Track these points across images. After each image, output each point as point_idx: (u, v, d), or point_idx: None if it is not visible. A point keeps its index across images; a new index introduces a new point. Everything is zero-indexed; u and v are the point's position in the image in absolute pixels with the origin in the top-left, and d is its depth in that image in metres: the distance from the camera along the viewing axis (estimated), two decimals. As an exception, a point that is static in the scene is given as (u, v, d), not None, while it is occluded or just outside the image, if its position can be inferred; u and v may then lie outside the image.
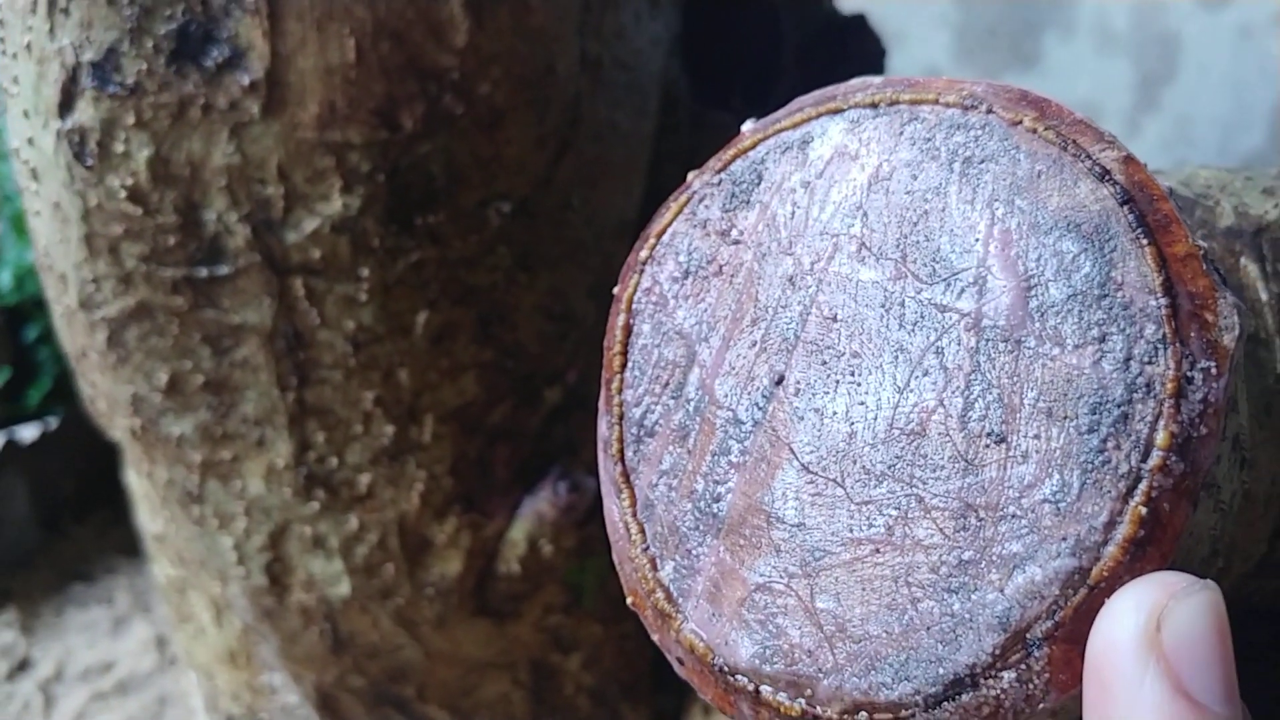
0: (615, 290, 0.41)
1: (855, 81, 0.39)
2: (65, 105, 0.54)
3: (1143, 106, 1.23)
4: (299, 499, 0.62)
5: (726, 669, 0.35)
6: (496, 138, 0.55)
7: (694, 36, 0.73)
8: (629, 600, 0.39)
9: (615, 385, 0.40)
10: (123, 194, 0.54)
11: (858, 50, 0.80)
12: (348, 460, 0.61)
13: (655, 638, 0.38)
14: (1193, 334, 0.31)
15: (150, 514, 0.71)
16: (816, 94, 0.40)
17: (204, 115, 0.52)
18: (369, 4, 0.51)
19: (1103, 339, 0.32)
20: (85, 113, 0.53)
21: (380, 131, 0.53)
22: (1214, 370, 0.31)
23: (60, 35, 0.52)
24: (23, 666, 0.94)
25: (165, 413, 0.60)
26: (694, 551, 0.37)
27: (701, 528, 0.37)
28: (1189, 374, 0.31)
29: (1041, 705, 0.31)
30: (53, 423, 1.05)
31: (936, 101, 0.36)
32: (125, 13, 0.51)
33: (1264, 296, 0.44)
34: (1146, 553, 0.31)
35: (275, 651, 0.69)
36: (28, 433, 1.02)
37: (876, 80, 0.39)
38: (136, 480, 0.71)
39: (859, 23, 0.80)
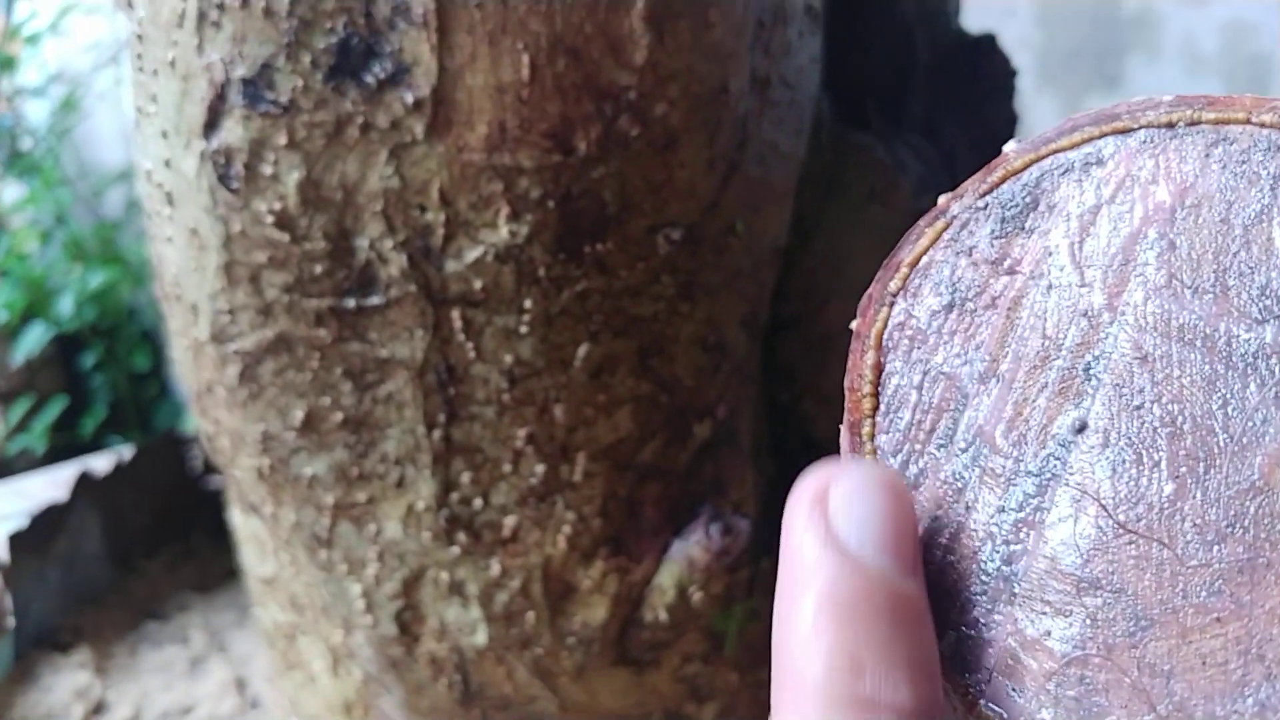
0: (855, 325, 0.38)
1: (1139, 100, 0.36)
2: (211, 124, 0.50)
3: (1243, 129, 1.20)
4: (438, 543, 0.58)
5: (1035, 750, 0.32)
6: (670, 161, 0.51)
7: (829, 56, 0.69)
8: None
9: (866, 431, 0.36)
10: (269, 219, 0.51)
11: (987, 70, 0.76)
12: (493, 501, 0.57)
13: (932, 712, 0.34)
14: None
15: (259, 556, 0.68)
16: (1094, 113, 0.36)
17: (362, 135, 0.49)
18: (545, 17, 0.48)
19: None
20: (233, 132, 0.50)
21: (553, 155, 0.49)
22: None
23: (209, 50, 0.49)
24: (99, 710, 0.90)
25: (298, 451, 0.57)
26: (983, 620, 0.33)
27: (990, 593, 0.33)
28: None
29: None
30: (126, 454, 1.01)
31: (1248, 121, 0.33)
32: (283, 26, 0.48)
33: None
34: None
35: (398, 704, 0.65)
36: (100, 464, 0.99)
37: (1166, 98, 0.35)
38: (243, 521, 0.68)
39: (989, 42, 0.77)
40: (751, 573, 0.64)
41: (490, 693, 0.63)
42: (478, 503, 0.57)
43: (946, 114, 0.75)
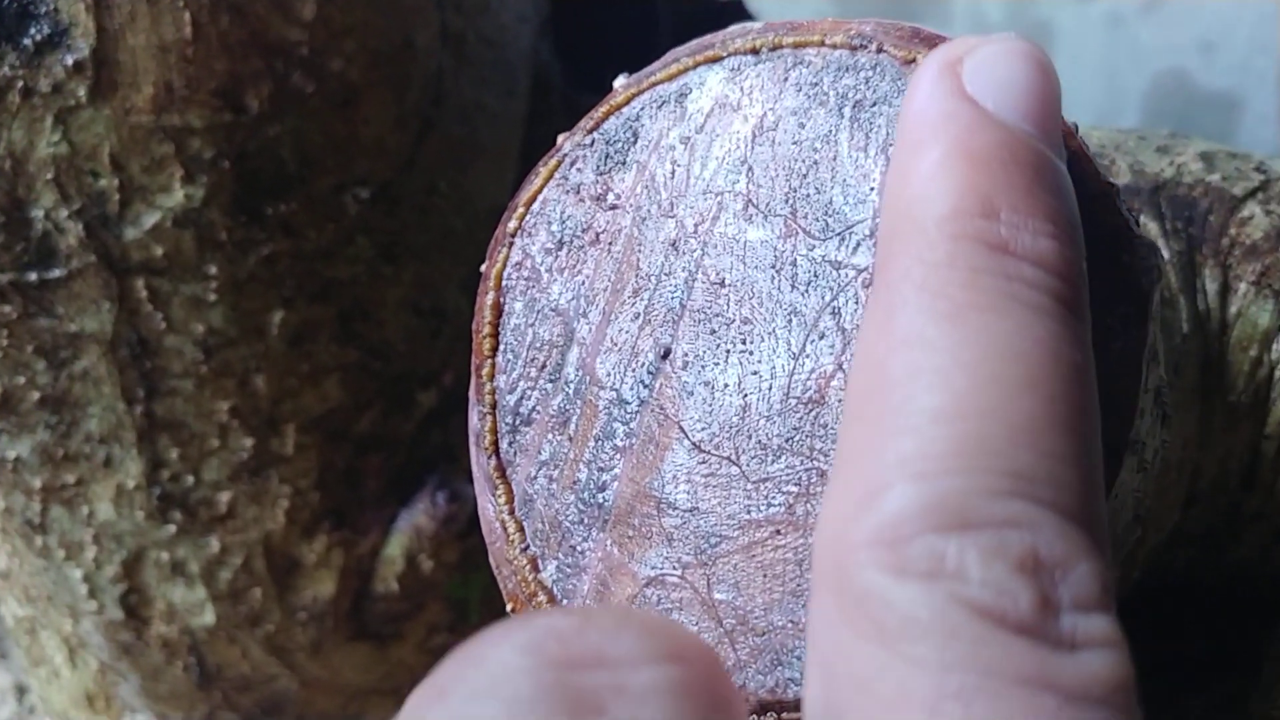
0: (482, 267, 0.38)
1: (734, 28, 0.36)
2: None
3: (1020, 94, 1.23)
4: (153, 522, 0.56)
5: (618, 675, 0.32)
6: (352, 117, 0.51)
7: (566, 20, 0.69)
8: (509, 607, 0.35)
9: (486, 371, 0.36)
10: (-64, 191, 0.49)
11: (735, 34, 0.77)
12: (204, 477, 0.56)
13: (539, 645, 0.34)
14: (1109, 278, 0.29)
15: (-7, 549, 0.65)
16: (693, 44, 0.37)
17: (24, 100, 0.48)
18: (204, -26, 0.47)
19: None
20: (-112, 102, 0.48)
21: (223, 113, 0.48)
22: (1132, 316, 0.29)
23: None
24: None
25: (-1, 434, 0.55)
26: (579, 548, 0.33)
27: (586, 521, 0.33)
28: (1107, 321, 0.28)
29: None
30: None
31: (822, 44, 0.34)
32: (-72, -12, 0.46)
33: (1166, 255, 0.42)
34: None
35: (137, 691, 0.63)
36: None
37: (757, 25, 0.36)
38: (-23, 513, 0.65)
39: (736, 8, 0.77)
40: (494, 540, 0.63)
41: (228, 673, 0.61)
42: (189, 479, 0.55)
43: (694, 79, 0.76)
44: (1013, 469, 0.20)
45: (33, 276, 0.51)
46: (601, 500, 0.33)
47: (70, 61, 0.47)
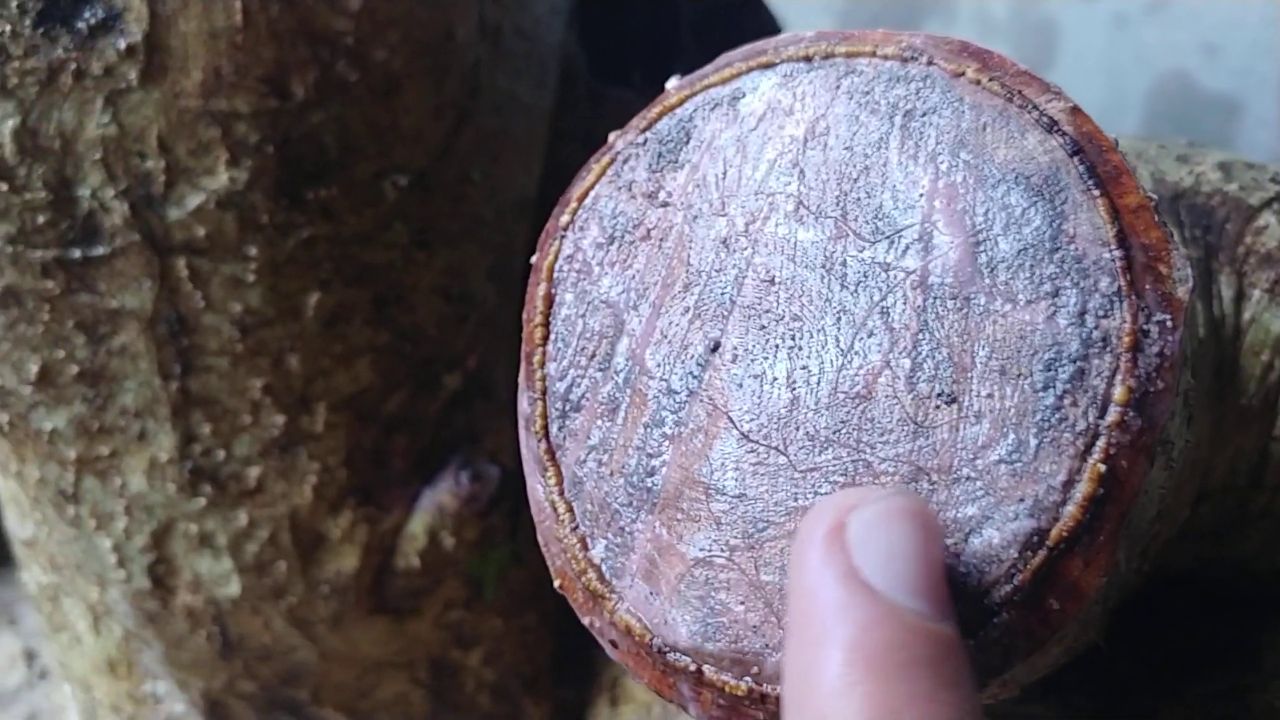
0: (533, 259, 0.39)
1: (785, 36, 0.38)
2: (-81, 71, 0.49)
3: (1024, 93, 1.25)
4: (184, 495, 0.58)
5: (665, 649, 0.33)
6: (393, 106, 0.52)
7: (590, 12, 0.71)
8: (556, 583, 0.37)
9: (537, 359, 0.38)
10: (-15, 168, 0.50)
11: (753, 27, 0.78)
12: (235, 453, 0.57)
13: (586, 621, 0.36)
14: (1148, 286, 0.30)
15: (19, 518, 0.66)
16: (745, 49, 0.38)
17: (76, 82, 0.49)
18: (256, -37, 0.48)
19: (1056, 293, 0.31)
20: (-59, 79, 0.49)
21: (269, 100, 0.50)
22: (1169, 323, 0.30)
23: (-88, -6, 0.48)
24: (-124, 688, 0.87)
25: (36, 406, 0.56)
26: (627, 529, 0.35)
27: (635, 503, 0.35)
28: (1145, 327, 0.30)
29: (1001, 675, 0.30)
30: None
31: (874, 54, 0.35)
32: (-15, -30, 0.47)
33: (1183, 261, 0.44)
34: (1105, 511, 0.30)
35: (159, 658, 0.65)
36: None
37: (808, 34, 0.37)
38: (3, 482, 0.67)
39: (754, 3, 0.79)
40: (512, 520, 0.65)
41: (250, 644, 0.63)
42: (220, 454, 0.57)
43: (712, 72, 0.77)
44: None
45: (76, 254, 0.52)
46: (650, 485, 0.35)
47: (123, 45, 0.48)
